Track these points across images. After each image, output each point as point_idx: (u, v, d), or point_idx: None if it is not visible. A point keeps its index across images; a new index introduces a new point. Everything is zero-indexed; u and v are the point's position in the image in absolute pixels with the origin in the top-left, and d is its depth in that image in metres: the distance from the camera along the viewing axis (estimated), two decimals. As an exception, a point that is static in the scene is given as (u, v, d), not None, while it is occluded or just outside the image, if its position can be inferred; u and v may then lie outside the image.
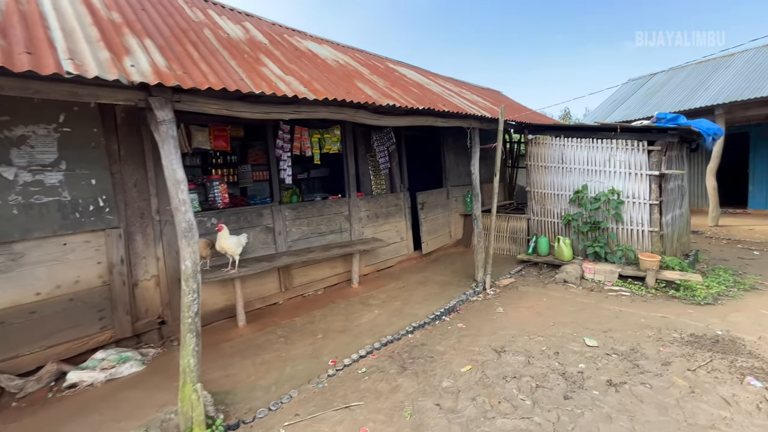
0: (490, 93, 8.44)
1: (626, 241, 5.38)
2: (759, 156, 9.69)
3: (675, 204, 5.49)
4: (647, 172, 5.03)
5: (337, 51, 4.99)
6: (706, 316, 4.05)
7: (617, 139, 5.25)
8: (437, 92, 5.15)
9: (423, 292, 5.24)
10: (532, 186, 6.34)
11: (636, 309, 4.38)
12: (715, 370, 3.05)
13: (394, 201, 6.30)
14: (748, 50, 11.40)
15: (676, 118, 5.36)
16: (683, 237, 5.96)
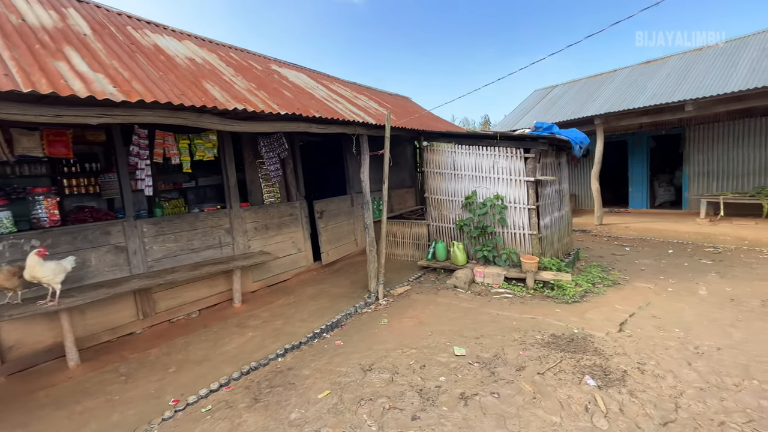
0: (397, 100, 8.47)
1: (511, 245, 5.60)
2: (635, 162, 10.94)
3: (553, 207, 5.85)
4: (524, 178, 5.27)
5: (201, 48, 4.53)
6: (568, 315, 4.28)
7: (499, 147, 5.45)
8: (319, 97, 4.92)
9: (311, 308, 4.95)
10: (429, 192, 6.39)
11: (512, 311, 4.52)
12: (561, 371, 3.15)
13: (288, 210, 5.95)
14: (629, 67, 12.92)
15: (550, 127, 5.72)
16: (564, 237, 6.39)
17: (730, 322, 3.86)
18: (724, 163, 9.11)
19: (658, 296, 4.75)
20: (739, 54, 9.66)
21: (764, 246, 6.63)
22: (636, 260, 6.47)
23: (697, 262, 6.13)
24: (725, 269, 5.64)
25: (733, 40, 10.56)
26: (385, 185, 5.11)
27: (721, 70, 9.43)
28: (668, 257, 6.52)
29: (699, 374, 2.98)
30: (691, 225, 8.44)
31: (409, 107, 8.17)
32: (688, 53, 11.32)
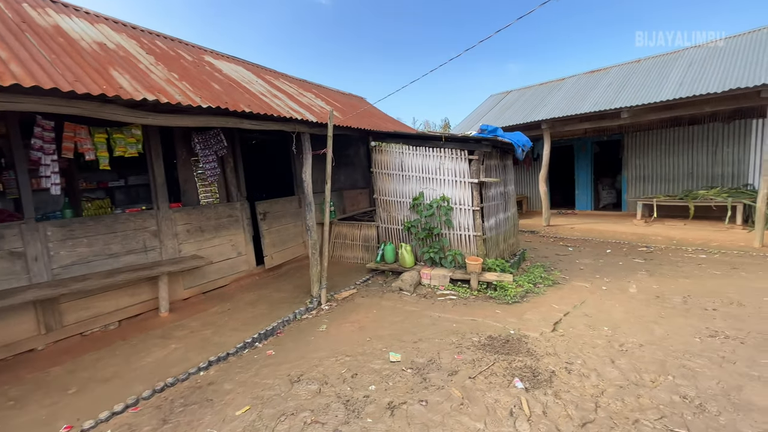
0: (350, 99, 8.31)
1: (457, 246, 5.60)
2: (581, 166, 11.49)
3: (498, 209, 5.93)
4: (469, 179, 5.29)
5: (118, 33, 4.10)
6: (507, 316, 4.31)
7: (445, 148, 5.44)
8: (255, 92, 4.66)
9: (247, 315, 4.66)
10: (378, 193, 6.28)
11: (453, 314, 4.48)
12: (492, 374, 3.12)
13: (227, 212, 5.60)
14: (575, 76, 13.59)
15: (495, 130, 5.79)
16: (511, 238, 6.51)
17: (654, 319, 4.04)
18: (658, 168, 9.76)
19: (592, 295, 4.91)
20: (671, 67, 10.41)
21: (689, 245, 7.12)
22: (577, 260, 6.71)
23: (631, 261, 6.46)
24: (654, 267, 5.97)
25: (665, 54, 11.37)
26: (327, 185, 4.93)
27: (655, 80, 10.11)
28: (606, 257, 6.83)
29: (620, 372, 3.05)
30: (628, 226, 8.95)
31: (362, 107, 8.04)
32: (627, 64, 12.07)
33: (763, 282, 4.98)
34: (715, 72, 9.02)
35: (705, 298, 4.52)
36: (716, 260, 6.16)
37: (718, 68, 9.10)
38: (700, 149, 9.03)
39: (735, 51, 9.48)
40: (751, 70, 8.31)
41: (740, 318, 3.93)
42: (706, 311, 4.16)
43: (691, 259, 6.31)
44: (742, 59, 8.93)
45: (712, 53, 10.00)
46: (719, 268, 5.71)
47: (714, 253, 6.59)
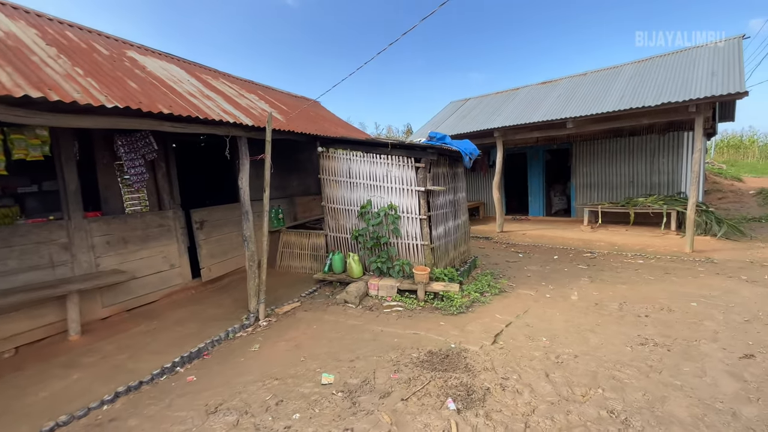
0: (302, 103, 8.01)
1: (405, 255, 5.47)
2: (533, 173, 11.84)
3: (448, 217, 5.88)
4: (416, 187, 5.18)
5: (14, 21, 3.58)
6: (450, 328, 4.21)
7: (392, 156, 5.31)
8: (183, 92, 4.29)
9: (174, 335, 4.26)
10: (326, 200, 6.04)
11: (397, 327, 4.32)
12: (426, 394, 2.97)
13: (157, 221, 5.14)
14: (530, 86, 14.07)
15: (443, 138, 5.75)
16: (461, 246, 6.48)
17: (591, 327, 4.09)
18: (603, 176, 10.24)
19: (536, 303, 4.94)
20: (614, 80, 11.00)
21: (629, 250, 7.45)
22: (525, 267, 6.81)
23: (575, 267, 6.63)
24: (596, 273, 6.15)
25: (609, 68, 12.02)
26: (266, 194, 4.64)
27: (600, 92, 10.63)
28: (552, 263, 6.98)
29: (553, 386, 3.00)
30: (576, 231, 9.28)
31: (312, 111, 7.77)
32: (576, 77, 12.64)
33: (690, 287, 5.23)
34: (652, 86, 9.60)
35: (639, 305, 4.66)
36: (652, 265, 6.46)
37: (655, 83, 9.70)
38: (640, 159, 9.56)
39: (670, 67, 10.16)
40: (682, 86, 8.91)
41: (669, 324, 4.06)
42: (639, 318, 4.28)
43: (630, 265, 6.57)
44: (676, 75, 9.58)
45: (650, 68, 10.67)
46: (654, 273, 5.98)
47: (650, 258, 6.92)
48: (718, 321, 4.07)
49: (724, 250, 7.08)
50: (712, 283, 5.33)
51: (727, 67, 8.69)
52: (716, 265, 6.25)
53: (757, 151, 28.39)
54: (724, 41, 9.96)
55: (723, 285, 5.24)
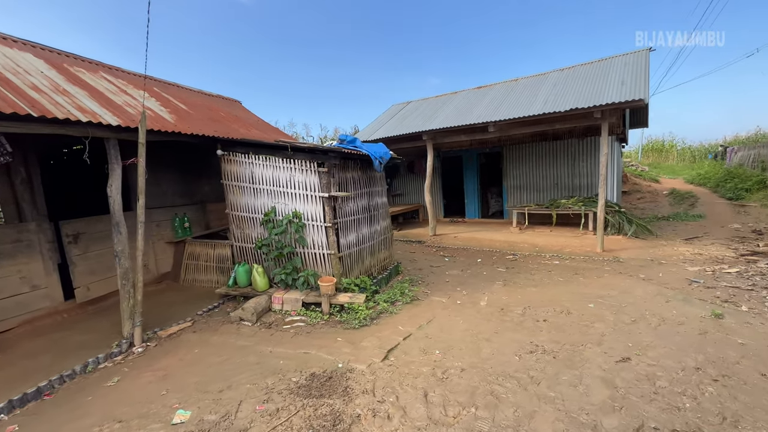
0: (214, 103, 7.42)
1: (312, 266, 5.14)
2: (468, 176, 12.01)
3: (361, 223, 5.62)
4: (319, 193, 4.87)
5: None
6: (344, 345, 3.93)
7: (295, 160, 4.96)
8: (23, 84, 3.65)
9: (16, 371, 3.60)
10: (230, 208, 5.56)
11: (289, 346, 3.97)
12: (289, 428, 2.65)
13: (13, 235, 4.39)
14: (467, 90, 14.34)
15: (353, 140, 5.49)
16: (381, 253, 6.26)
17: (488, 336, 3.99)
18: (531, 178, 10.56)
19: (444, 311, 4.81)
20: (541, 86, 11.43)
21: (549, 252, 7.65)
22: (447, 271, 6.74)
23: (495, 270, 6.66)
24: (512, 276, 6.19)
25: (538, 75, 12.50)
26: (140, 203, 4.09)
27: (528, 98, 10.98)
28: (474, 266, 6.98)
29: (428, 408, 2.80)
30: (505, 233, 9.45)
31: (224, 111, 7.21)
32: (509, 82, 13.03)
33: (593, 287, 5.38)
34: (571, 92, 10.05)
35: (542, 308, 4.67)
36: (565, 266, 6.63)
37: (574, 89, 10.16)
38: (563, 162, 9.96)
39: (589, 75, 10.71)
40: (596, 93, 9.39)
41: (562, 328, 4.07)
42: (537, 323, 4.26)
43: (546, 266, 6.71)
44: (592, 83, 10.10)
45: (572, 76, 11.20)
46: (564, 275, 6.12)
47: (566, 258, 7.12)
48: (608, 323, 4.14)
49: (632, 248, 7.47)
50: (612, 283, 5.51)
51: (635, 77, 9.28)
52: (621, 264, 6.54)
53: (676, 154, 31.41)
54: (634, 53, 10.67)
55: (622, 284, 5.43)
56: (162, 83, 6.46)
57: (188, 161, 6.73)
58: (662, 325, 4.02)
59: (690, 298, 4.73)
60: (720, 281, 5.31)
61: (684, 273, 5.80)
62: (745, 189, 11.87)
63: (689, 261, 6.44)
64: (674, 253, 6.96)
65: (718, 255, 6.66)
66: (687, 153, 30.32)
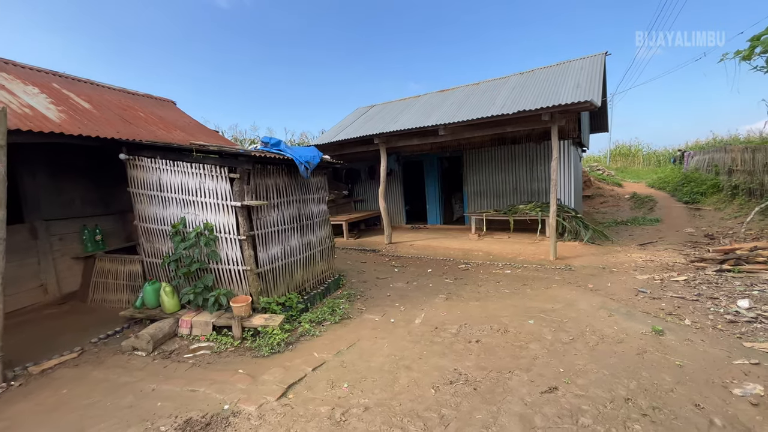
0: (136, 101, 6.76)
1: (227, 284, 4.57)
2: (430, 181, 11.68)
3: (290, 235, 5.10)
4: (231, 203, 4.33)
5: None
6: (242, 379, 3.38)
7: (205, 165, 4.40)
8: None
9: None
10: (139, 219, 4.94)
11: (178, 382, 3.39)
12: (121, 503, 2.10)
13: None
14: (429, 93, 14.06)
15: (278, 143, 4.98)
16: (317, 265, 5.75)
17: (411, 362, 3.54)
18: (491, 183, 10.30)
19: (373, 331, 4.34)
20: (501, 89, 11.24)
21: (503, 260, 7.33)
22: (392, 284, 6.29)
23: (442, 281, 6.26)
24: (457, 289, 5.79)
25: (499, 78, 12.34)
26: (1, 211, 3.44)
27: (488, 101, 10.76)
28: (422, 278, 6.56)
29: (306, 465, 2.31)
30: (463, 240, 9.11)
31: (143, 111, 6.54)
32: (471, 86, 12.82)
33: (538, 300, 5.03)
34: (529, 95, 9.88)
35: (478, 326, 4.27)
36: (516, 276, 6.30)
37: (531, 92, 9.99)
38: (522, 167, 9.74)
39: (547, 78, 10.59)
40: (552, 96, 9.22)
41: (494, 351, 3.66)
42: (469, 344, 3.84)
43: (496, 276, 6.36)
44: (549, 86, 9.96)
45: (531, 79, 11.07)
46: (512, 286, 5.77)
47: (518, 267, 6.80)
48: (544, 342, 3.77)
49: (586, 255, 7.23)
50: (558, 295, 5.18)
51: (589, 81, 9.16)
52: (572, 272, 6.26)
53: (642, 158, 32.34)
54: (590, 57, 10.63)
55: (568, 296, 5.11)
56: (69, 79, 5.76)
57: (105, 167, 6.04)
58: (600, 344, 3.68)
59: (633, 312, 4.43)
60: (667, 291, 5.07)
61: (633, 282, 5.55)
62: (700, 193, 12.02)
63: (640, 268, 6.22)
64: (627, 260, 6.75)
65: (669, 261, 6.49)
66: (653, 157, 31.23)
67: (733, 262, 5.66)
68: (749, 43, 5.09)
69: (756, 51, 5.02)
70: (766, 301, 4.41)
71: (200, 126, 7.20)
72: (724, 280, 5.23)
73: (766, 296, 4.56)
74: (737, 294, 4.69)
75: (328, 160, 5.66)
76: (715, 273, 5.54)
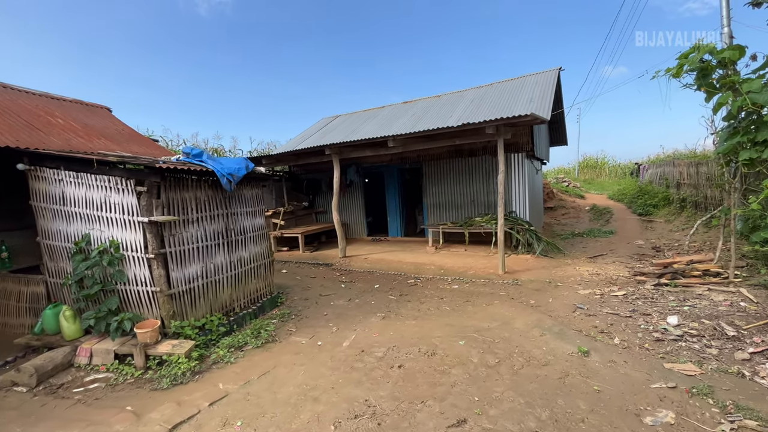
0: (56, 106, 6.28)
1: (136, 307, 4.18)
2: (390, 192, 11.53)
3: (215, 251, 4.76)
4: (138, 218, 3.97)
5: None
6: (125, 419, 2.99)
7: (110, 177, 4.03)
8: None
9: None
10: (42, 235, 4.50)
11: (47, 426, 2.97)
12: None
13: None
14: (392, 105, 14.03)
15: (200, 154, 4.68)
16: (250, 284, 5.41)
17: (320, 393, 3.25)
18: (449, 195, 10.24)
19: (294, 356, 4.04)
20: (460, 102, 11.31)
21: (453, 274, 7.17)
22: (333, 301, 6.00)
23: (385, 298, 6.02)
24: (399, 306, 5.57)
25: (459, 92, 12.44)
26: None
27: (446, 113, 10.78)
28: (366, 294, 6.30)
29: None
30: (420, 254, 8.93)
31: (61, 118, 6.07)
32: (432, 98, 12.88)
33: (476, 318, 4.87)
34: (485, 108, 9.94)
35: (407, 349, 4.04)
36: (461, 291, 6.14)
37: (488, 106, 10.06)
38: (478, 179, 9.72)
39: (504, 92, 10.71)
40: (504, 109, 9.30)
41: (414, 377, 3.43)
42: (390, 370, 3.60)
43: (442, 291, 6.18)
44: (505, 100, 10.06)
45: (489, 93, 11.18)
46: (455, 302, 5.60)
47: (466, 282, 6.66)
48: (468, 366, 3.57)
49: (536, 269, 7.18)
50: (498, 312, 5.04)
51: (542, 95, 9.31)
52: (518, 287, 6.15)
53: (608, 171, 33.49)
54: (545, 72, 10.85)
55: (507, 313, 4.98)
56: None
57: (16, 177, 5.52)
58: (525, 367, 3.52)
59: (566, 330, 4.32)
60: (604, 306, 5.01)
61: (574, 297, 5.48)
62: (653, 205, 12.38)
63: (584, 282, 6.19)
64: (574, 274, 6.73)
65: (613, 275, 6.50)
66: (617, 170, 32.36)
67: (670, 276, 5.70)
68: (677, 61, 5.19)
69: (684, 68, 5.10)
70: (695, 318, 4.39)
71: (134, 135, 6.77)
72: (660, 295, 5.24)
73: (696, 312, 4.55)
74: (669, 310, 4.67)
75: (261, 172, 5.38)
76: (653, 287, 5.55)
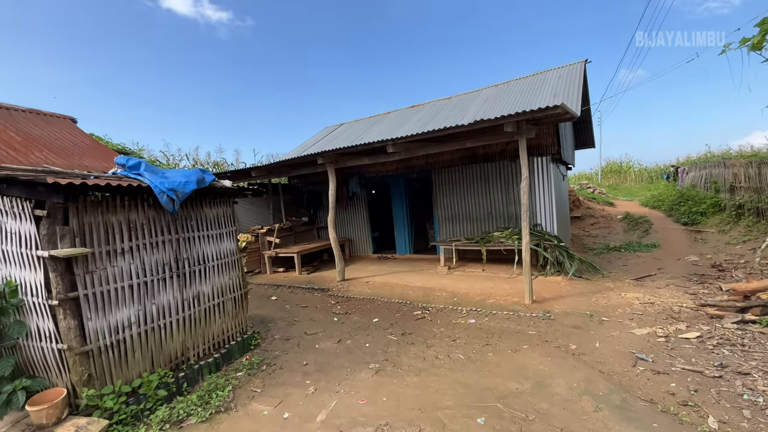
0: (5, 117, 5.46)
1: (42, 369, 3.16)
2: (397, 205, 10.39)
3: (158, 288, 3.72)
4: (37, 252, 2.96)
5: None
6: None
7: (5, 197, 3.06)
8: None
9: None
10: (-61, 273, 3.53)
11: None
12: None
13: None
14: (399, 110, 13.01)
15: (137, 165, 3.67)
16: (212, 326, 4.34)
17: None
18: (463, 206, 9.02)
19: (246, 441, 2.91)
20: (473, 102, 10.16)
21: (469, 303, 5.93)
22: (319, 343, 4.86)
23: (384, 339, 4.84)
24: (400, 351, 4.38)
25: (472, 92, 11.30)
26: None
27: (458, 115, 9.64)
28: (363, 331, 5.14)
29: None
30: (429, 275, 7.72)
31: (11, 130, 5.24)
32: (441, 100, 11.79)
33: (500, 373, 3.62)
34: (501, 107, 8.76)
35: (402, 429, 2.85)
36: (480, 328, 4.90)
37: (505, 104, 8.88)
38: (495, 187, 8.49)
39: (523, 89, 9.51)
40: (523, 106, 8.08)
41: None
42: (374, 475, 2.41)
43: (455, 329, 4.96)
44: (525, 97, 8.86)
45: (506, 91, 10.01)
46: (470, 347, 4.36)
47: (485, 314, 5.41)
48: (490, 472, 2.35)
49: (570, 296, 5.86)
50: (528, 365, 3.78)
51: (568, 89, 8.08)
52: (551, 323, 4.87)
53: (634, 175, 31.44)
54: (569, 65, 9.62)
55: (541, 367, 3.72)
56: None
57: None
58: (579, 476, 2.27)
59: (630, 401, 3.03)
60: (675, 358, 3.69)
61: (629, 341, 4.17)
62: (699, 213, 10.78)
63: (637, 317, 4.85)
64: (621, 303, 5.39)
65: (673, 305, 5.13)
66: (644, 174, 30.35)
67: (759, 311, 4.31)
68: (758, 29, 3.93)
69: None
70: (822, 381, 3.03)
71: (96, 146, 5.90)
72: (751, 340, 3.87)
73: (819, 371, 3.19)
74: (776, 366, 3.32)
75: (224, 186, 4.35)
76: (736, 326, 4.17)
